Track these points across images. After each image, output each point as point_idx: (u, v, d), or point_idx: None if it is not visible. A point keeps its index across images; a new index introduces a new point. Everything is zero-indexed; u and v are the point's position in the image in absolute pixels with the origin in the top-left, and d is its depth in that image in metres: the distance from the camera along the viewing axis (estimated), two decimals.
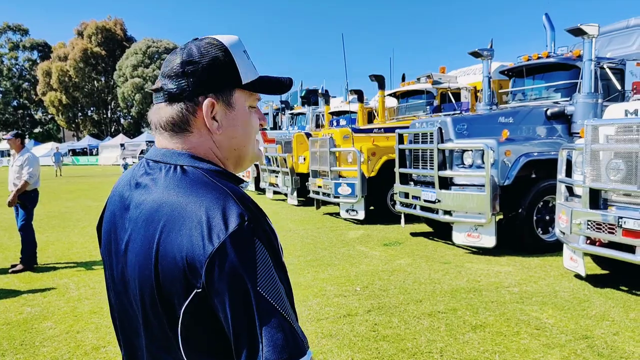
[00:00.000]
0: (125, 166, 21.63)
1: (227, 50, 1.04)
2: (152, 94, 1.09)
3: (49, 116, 67.05)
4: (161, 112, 1.05)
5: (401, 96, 11.85)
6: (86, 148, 53.00)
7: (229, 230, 0.89)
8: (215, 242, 0.88)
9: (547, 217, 6.75)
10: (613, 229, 4.69)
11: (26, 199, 6.52)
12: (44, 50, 66.76)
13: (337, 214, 10.32)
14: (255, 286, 0.88)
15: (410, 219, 8.47)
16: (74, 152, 53.64)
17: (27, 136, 62.78)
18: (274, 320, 0.88)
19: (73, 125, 63.72)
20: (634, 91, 5.55)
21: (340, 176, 9.75)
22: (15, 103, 67.58)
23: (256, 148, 1.15)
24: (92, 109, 64.14)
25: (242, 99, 1.07)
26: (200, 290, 0.90)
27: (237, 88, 1.05)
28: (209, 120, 1.03)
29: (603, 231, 4.80)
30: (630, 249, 4.64)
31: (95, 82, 61.37)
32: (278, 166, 12.57)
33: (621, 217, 4.61)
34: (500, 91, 9.14)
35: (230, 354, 0.90)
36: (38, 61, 65.60)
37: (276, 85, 1.12)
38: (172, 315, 0.94)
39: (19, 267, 6.44)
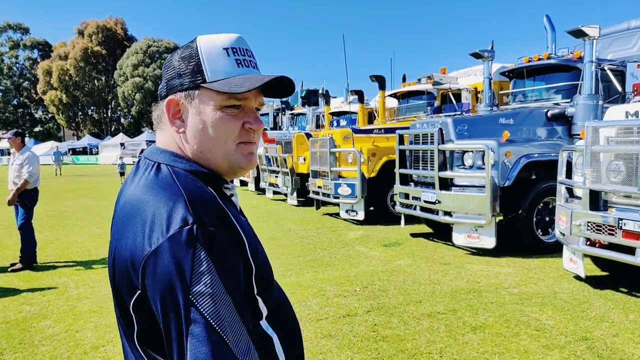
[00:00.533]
0: (122, 166, 21.49)
1: (196, 50, 1.02)
2: None
3: (49, 115, 67.06)
4: (155, 109, 1.10)
5: (402, 97, 11.85)
6: (86, 147, 53.03)
7: (169, 233, 0.87)
8: (154, 243, 0.87)
9: (547, 219, 6.75)
10: (613, 230, 4.69)
11: (26, 198, 6.51)
12: (45, 49, 66.75)
13: (337, 215, 10.32)
14: (187, 294, 0.84)
15: (410, 219, 8.47)
16: (74, 152, 53.66)
17: (27, 135, 62.82)
18: (202, 332, 0.83)
19: (73, 125, 63.73)
20: (635, 93, 5.55)
21: (340, 177, 9.75)
22: (15, 102, 67.59)
23: (237, 154, 1.05)
24: (92, 108, 64.15)
25: (208, 98, 1.01)
26: (140, 291, 0.90)
27: (202, 87, 1.01)
28: (170, 119, 1.04)
29: (603, 233, 4.80)
30: (630, 251, 4.63)
31: (95, 81, 61.37)
32: (278, 166, 12.57)
33: (621, 219, 4.61)
34: (500, 92, 9.13)
35: None
36: (38, 60, 65.62)
37: (254, 82, 1.00)
38: (128, 313, 0.95)
39: (19, 265, 6.43)
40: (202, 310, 0.84)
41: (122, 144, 45.30)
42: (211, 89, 1.00)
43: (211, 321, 0.84)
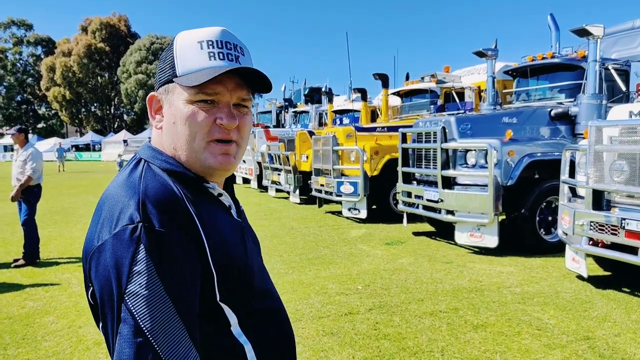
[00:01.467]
0: (121, 164, 21.57)
1: (172, 45, 1.02)
2: None
3: (53, 111, 67.19)
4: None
5: (405, 95, 11.84)
6: (89, 144, 53.14)
7: (115, 230, 0.87)
8: (101, 239, 0.88)
9: (550, 218, 6.74)
10: (616, 230, 4.68)
11: (29, 194, 6.54)
12: (48, 46, 66.87)
13: (339, 213, 10.32)
14: (122, 293, 0.84)
15: (413, 218, 8.46)
16: (77, 148, 53.78)
17: (30, 131, 62.94)
18: (129, 334, 0.82)
19: (76, 121, 63.87)
20: (639, 92, 5.53)
21: (342, 175, 9.75)
22: (19, 98, 67.76)
23: (206, 153, 0.99)
24: (95, 104, 64.27)
25: (179, 92, 0.98)
26: (91, 285, 0.92)
27: (173, 81, 0.99)
28: (151, 115, 1.06)
29: (606, 232, 4.79)
30: (633, 251, 4.62)
31: (98, 78, 61.45)
32: (281, 164, 12.57)
33: (624, 219, 4.60)
34: (504, 91, 9.11)
35: None
36: (42, 56, 65.72)
37: (210, 74, 0.95)
38: (92, 305, 0.97)
39: (21, 261, 6.46)
40: (133, 310, 0.83)
41: (125, 141, 45.35)
42: (179, 84, 0.98)
43: (140, 323, 0.82)
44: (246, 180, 17.17)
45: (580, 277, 5.41)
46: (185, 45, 0.99)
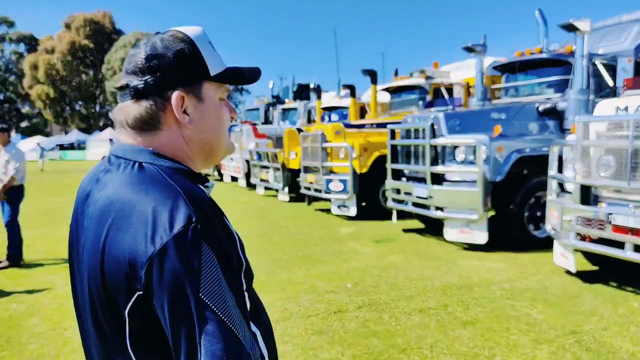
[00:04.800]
0: None
1: (192, 42, 1.01)
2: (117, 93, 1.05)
3: (36, 110, 66.22)
4: (128, 110, 1.01)
5: (394, 91, 11.82)
6: (74, 143, 52.46)
7: (174, 231, 0.85)
8: (158, 243, 0.84)
9: (539, 214, 6.77)
10: (603, 225, 4.71)
11: (12, 195, 6.43)
12: (31, 43, 65.79)
13: (328, 210, 10.30)
14: (198, 292, 0.83)
15: (402, 215, 8.46)
16: (62, 147, 53.05)
17: (14, 130, 62.07)
18: (216, 330, 0.83)
19: (61, 120, 62.97)
20: (625, 87, 5.57)
21: (331, 172, 9.72)
22: (1, 97, 66.66)
23: (228, 140, 1.13)
24: (80, 102, 63.41)
25: (212, 91, 1.04)
26: (141, 292, 0.87)
27: (206, 80, 1.03)
28: (179, 114, 1.00)
29: (593, 227, 4.82)
30: (620, 245, 4.66)
31: (83, 75, 60.65)
32: (269, 162, 12.51)
33: (611, 213, 4.63)
34: (492, 87, 9.13)
35: None
36: (25, 54, 64.65)
37: (245, 75, 1.10)
38: (119, 316, 0.91)
39: (5, 263, 6.35)
40: (214, 308, 0.84)
41: (110, 140, 44.87)
42: (214, 82, 1.04)
43: (223, 318, 0.84)
44: (234, 179, 17.07)
45: (568, 272, 5.45)
46: (204, 45, 1.03)
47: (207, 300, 0.83)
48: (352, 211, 9.25)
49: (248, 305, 0.99)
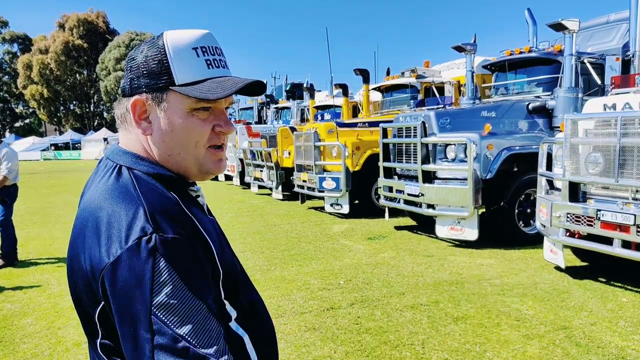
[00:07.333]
0: None
1: (163, 48, 0.97)
2: None
3: (30, 110, 65.79)
4: (118, 106, 1.05)
5: (386, 90, 11.87)
6: (69, 142, 52.16)
7: (128, 244, 0.85)
8: (112, 255, 0.85)
9: (529, 210, 6.84)
10: (592, 221, 4.78)
11: (5, 194, 6.41)
12: (25, 43, 65.32)
13: (321, 208, 10.34)
14: (150, 306, 0.82)
15: (394, 212, 8.52)
16: (57, 147, 52.74)
17: (7, 130, 61.67)
18: (167, 343, 0.82)
19: (55, 119, 62.61)
20: (613, 86, 5.64)
21: (324, 170, 9.76)
22: None
23: (204, 159, 1.02)
24: (74, 102, 63.06)
25: (178, 100, 0.97)
26: (103, 302, 0.88)
27: (171, 89, 0.97)
28: (136, 120, 1.00)
29: (582, 224, 4.89)
30: (608, 241, 4.72)
31: (77, 75, 60.33)
32: (263, 161, 12.52)
33: (599, 210, 4.70)
34: (483, 85, 9.20)
35: None
36: (18, 54, 64.21)
37: (223, 89, 0.97)
38: (91, 322, 0.94)
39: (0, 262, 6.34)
40: (166, 320, 0.82)
41: (105, 139, 44.63)
42: (180, 93, 0.96)
43: (177, 330, 0.82)
44: (228, 177, 17.07)
45: (558, 268, 5.51)
46: (180, 51, 0.97)
47: (160, 314, 0.82)
48: (345, 209, 9.29)
49: (233, 312, 1.00)
